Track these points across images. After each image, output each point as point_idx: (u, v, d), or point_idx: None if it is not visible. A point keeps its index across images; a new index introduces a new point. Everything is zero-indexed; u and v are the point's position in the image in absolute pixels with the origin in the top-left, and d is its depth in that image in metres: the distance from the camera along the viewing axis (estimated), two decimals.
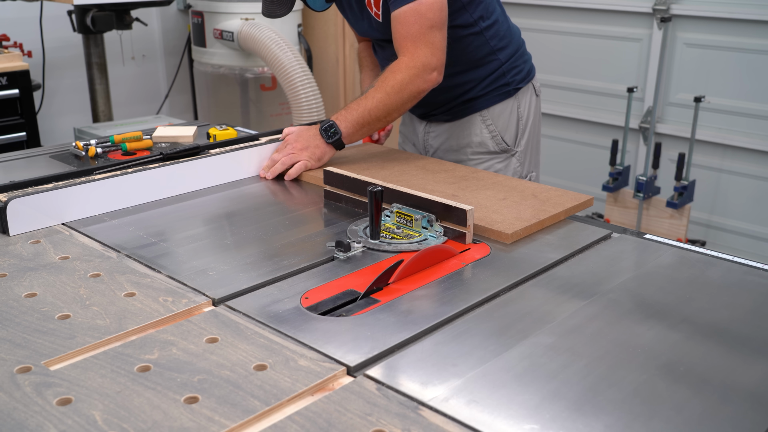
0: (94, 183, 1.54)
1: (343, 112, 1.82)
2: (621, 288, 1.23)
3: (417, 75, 1.78)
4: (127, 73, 4.13)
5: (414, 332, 1.06)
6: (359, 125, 1.80)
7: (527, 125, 2.10)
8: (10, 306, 1.13)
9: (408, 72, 1.78)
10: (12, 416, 0.86)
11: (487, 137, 2.05)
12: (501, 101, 2.04)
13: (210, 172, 1.74)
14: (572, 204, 1.55)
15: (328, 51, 4.21)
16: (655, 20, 3.95)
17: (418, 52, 1.78)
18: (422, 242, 1.39)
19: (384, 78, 1.80)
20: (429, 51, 1.79)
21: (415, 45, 1.78)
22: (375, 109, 1.79)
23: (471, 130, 2.05)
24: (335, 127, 1.79)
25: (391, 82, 1.78)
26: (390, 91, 1.78)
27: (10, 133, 3.08)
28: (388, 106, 1.79)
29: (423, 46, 1.78)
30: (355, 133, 1.81)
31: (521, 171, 2.10)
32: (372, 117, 1.80)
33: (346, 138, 1.81)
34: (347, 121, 1.80)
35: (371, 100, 1.79)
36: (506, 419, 0.88)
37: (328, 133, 1.80)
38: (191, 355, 0.99)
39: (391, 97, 1.78)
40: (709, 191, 3.97)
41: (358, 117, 1.79)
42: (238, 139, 1.91)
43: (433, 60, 1.79)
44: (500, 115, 2.05)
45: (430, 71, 1.79)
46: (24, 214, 1.42)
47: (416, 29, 1.77)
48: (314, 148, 1.79)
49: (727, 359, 1.03)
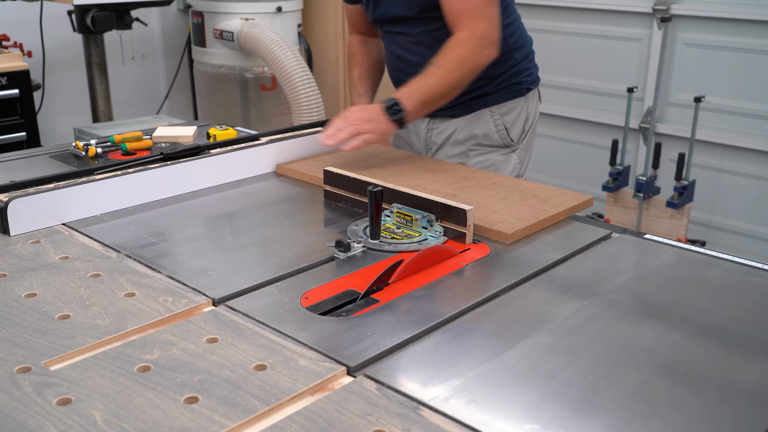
0: (95, 183, 1.54)
1: (405, 91, 1.79)
2: (621, 288, 1.23)
3: (476, 50, 1.78)
4: (127, 73, 4.13)
5: (414, 332, 1.06)
6: (422, 103, 1.79)
7: (531, 127, 2.11)
8: (10, 306, 1.13)
9: (467, 47, 1.77)
10: (12, 416, 0.86)
11: (492, 129, 2.05)
12: (512, 99, 2.05)
13: (210, 172, 1.74)
14: (572, 204, 1.55)
15: (328, 51, 4.21)
16: (655, 20, 3.95)
17: (477, 26, 1.77)
18: (422, 242, 1.39)
19: (443, 54, 1.79)
20: (487, 25, 1.78)
21: (473, 19, 1.77)
22: (437, 86, 1.78)
23: (477, 123, 2.05)
24: (399, 105, 1.76)
25: (451, 58, 1.77)
26: (451, 68, 1.77)
27: (10, 133, 3.08)
28: (450, 83, 1.79)
29: (481, 20, 1.77)
30: (418, 111, 1.80)
31: (520, 169, 2.11)
32: (435, 95, 1.79)
33: (410, 116, 1.78)
34: (410, 99, 1.77)
35: (433, 77, 1.78)
36: (506, 419, 0.88)
37: (391, 110, 1.76)
38: (191, 355, 0.99)
39: (452, 74, 1.78)
40: (709, 191, 3.97)
41: (421, 95, 1.78)
42: (238, 139, 1.91)
43: (491, 34, 1.79)
44: (510, 112, 2.06)
45: (489, 45, 1.79)
46: (24, 214, 1.42)
47: (475, 2, 1.77)
48: (379, 123, 1.76)
49: (727, 359, 1.03)
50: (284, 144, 1.88)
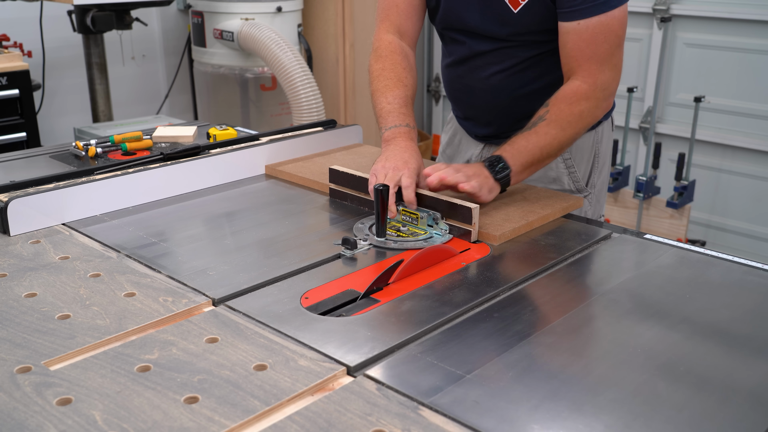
0: (95, 183, 1.54)
1: (508, 148, 1.53)
2: (621, 288, 1.23)
3: (597, 105, 1.56)
4: (127, 73, 4.13)
5: (414, 332, 1.06)
6: (529, 164, 1.53)
7: (604, 163, 1.85)
8: (10, 306, 1.13)
9: (590, 102, 1.54)
10: (12, 416, 0.86)
11: (564, 173, 1.78)
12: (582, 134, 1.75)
13: (210, 172, 1.74)
14: (562, 205, 1.55)
15: (328, 51, 4.21)
16: (655, 20, 3.95)
17: (603, 75, 1.54)
18: (428, 240, 1.39)
19: (558, 110, 1.54)
20: (612, 74, 1.56)
21: (600, 67, 1.53)
22: (548, 146, 1.53)
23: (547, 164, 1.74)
24: (504, 162, 1.51)
25: (567, 115, 1.53)
26: (566, 126, 1.53)
27: (10, 133, 3.07)
28: (562, 142, 1.54)
29: (608, 68, 1.54)
30: (524, 171, 1.54)
31: (592, 214, 1.85)
32: (543, 154, 1.54)
33: (515, 176, 1.52)
34: (516, 159, 1.51)
35: (544, 136, 1.52)
36: (506, 419, 0.88)
37: (495, 168, 1.50)
38: (191, 355, 0.99)
39: (567, 132, 1.54)
40: (709, 191, 3.97)
41: (529, 155, 1.52)
42: (237, 139, 1.91)
43: (613, 85, 1.57)
44: (579, 150, 1.78)
45: (609, 96, 1.58)
46: (24, 214, 1.42)
47: (605, 49, 1.52)
48: (485, 179, 1.48)
49: (727, 359, 1.03)
50: (284, 144, 1.88)
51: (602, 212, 1.92)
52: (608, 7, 1.50)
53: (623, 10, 1.54)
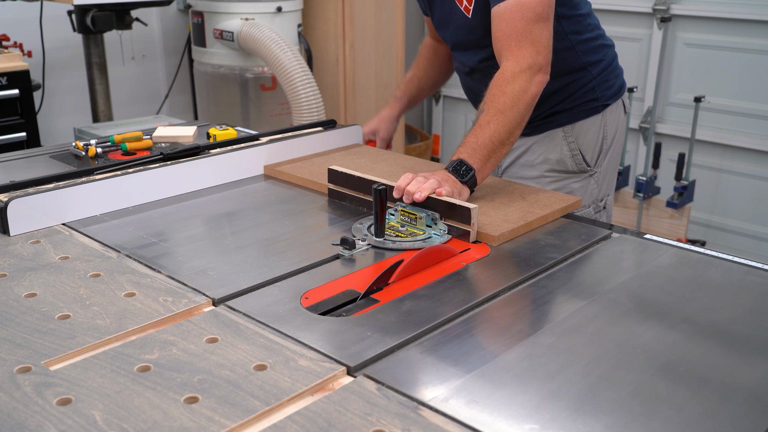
0: (95, 183, 1.54)
1: (463, 150, 1.58)
2: (621, 288, 1.23)
3: (529, 80, 1.60)
4: (127, 73, 4.12)
5: (414, 332, 1.06)
6: (487, 157, 1.58)
7: (611, 145, 1.92)
8: (10, 306, 1.13)
9: (519, 80, 1.59)
10: (12, 416, 0.86)
11: (567, 155, 1.87)
12: (587, 117, 1.87)
13: (210, 173, 1.74)
14: (560, 206, 1.55)
15: (328, 51, 4.21)
16: (655, 20, 3.95)
17: (523, 52, 1.60)
18: (426, 240, 1.39)
19: (492, 96, 1.60)
20: (534, 49, 1.60)
21: (519, 43, 1.60)
22: (496, 133, 1.58)
23: (550, 146, 1.88)
24: (465, 164, 1.56)
25: (501, 98, 1.59)
26: (505, 109, 1.58)
27: (10, 133, 3.07)
28: (508, 125, 1.58)
29: (527, 44, 1.60)
30: (485, 165, 1.58)
31: (597, 193, 1.92)
32: (496, 143, 1.58)
33: (479, 173, 1.57)
34: (473, 158, 1.57)
35: (488, 126, 1.58)
36: (506, 419, 0.88)
37: (459, 172, 1.55)
38: (191, 355, 0.99)
39: (508, 115, 1.58)
40: (709, 191, 3.97)
41: (484, 149, 1.57)
42: (237, 139, 1.91)
43: (539, 58, 1.61)
44: (585, 133, 1.87)
45: (537, 72, 1.61)
46: (24, 214, 1.42)
47: (522, 25, 1.60)
48: (453, 183, 1.53)
49: (727, 359, 1.03)
50: (284, 144, 1.88)
51: (610, 193, 1.98)
52: None
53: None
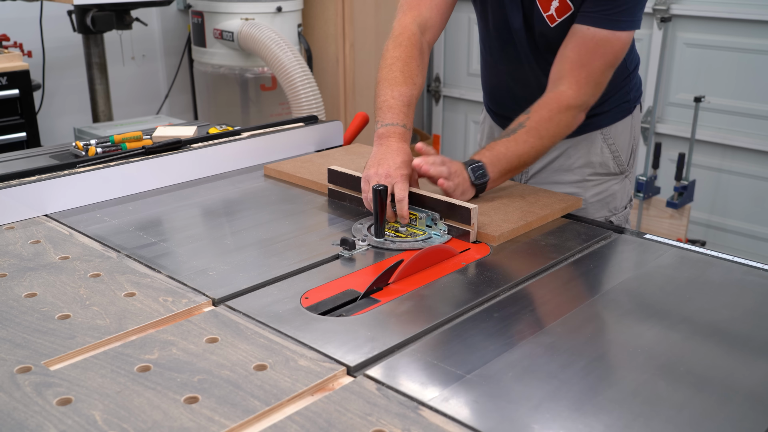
0: (77, 175, 1.59)
1: (488, 154, 1.54)
2: (621, 288, 1.23)
3: (575, 116, 1.58)
4: (127, 73, 4.13)
5: (414, 332, 1.06)
6: (506, 171, 1.56)
7: (637, 144, 1.92)
8: (10, 306, 1.13)
9: (570, 112, 1.56)
10: (12, 416, 0.86)
11: (609, 157, 1.82)
12: (621, 119, 1.84)
13: (191, 166, 1.77)
14: (560, 206, 1.55)
15: (328, 51, 4.21)
16: (655, 20, 3.95)
17: (586, 88, 1.56)
18: (426, 240, 1.39)
19: (539, 118, 1.56)
20: (595, 90, 1.58)
21: (587, 79, 1.56)
22: (525, 154, 1.55)
23: (590, 149, 1.81)
24: (484, 169, 1.53)
25: (547, 125, 1.55)
26: (544, 135, 1.55)
27: (10, 133, 3.07)
28: (539, 151, 1.57)
29: (594, 83, 1.57)
30: (500, 178, 1.57)
31: (630, 191, 1.92)
32: (521, 162, 1.56)
33: (491, 183, 1.55)
34: (495, 167, 1.54)
35: (523, 145, 1.54)
36: (506, 419, 0.88)
37: (476, 173, 1.52)
38: (191, 355, 0.99)
39: (544, 142, 1.56)
40: (709, 191, 3.97)
41: (507, 163, 1.54)
42: (219, 134, 1.94)
43: (592, 100, 1.59)
44: (619, 134, 1.84)
45: (583, 110, 1.60)
46: (7, 204, 1.47)
47: (600, 63, 1.56)
48: (463, 180, 1.51)
49: (727, 359, 1.03)
50: (265, 139, 1.89)
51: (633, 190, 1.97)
52: (619, 27, 1.54)
53: (629, 36, 1.57)
